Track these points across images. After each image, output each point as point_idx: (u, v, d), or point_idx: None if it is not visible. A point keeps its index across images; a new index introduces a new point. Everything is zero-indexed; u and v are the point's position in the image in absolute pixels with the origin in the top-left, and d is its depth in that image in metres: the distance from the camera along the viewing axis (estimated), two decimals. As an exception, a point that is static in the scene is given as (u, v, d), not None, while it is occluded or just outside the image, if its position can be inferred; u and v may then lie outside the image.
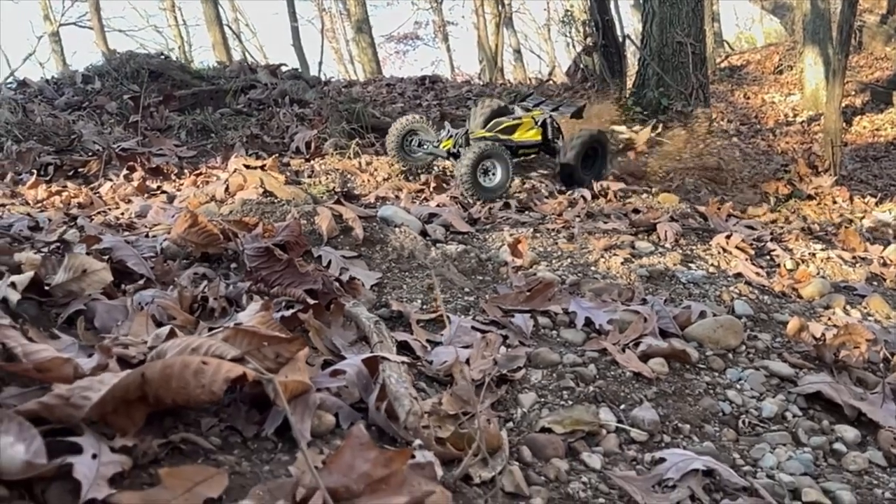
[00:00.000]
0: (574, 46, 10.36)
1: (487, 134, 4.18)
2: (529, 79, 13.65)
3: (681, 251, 2.75)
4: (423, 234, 2.65)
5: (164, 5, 20.12)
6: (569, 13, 11.60)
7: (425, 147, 3.99)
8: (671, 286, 2.41)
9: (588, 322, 2.00)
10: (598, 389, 1.68)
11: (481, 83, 12.32)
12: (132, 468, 1.03)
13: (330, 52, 22.95)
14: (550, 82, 9.40)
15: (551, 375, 1.74)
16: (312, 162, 3.71)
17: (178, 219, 2.03)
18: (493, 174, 3.79)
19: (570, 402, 1.64)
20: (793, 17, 13.94)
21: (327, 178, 3.48)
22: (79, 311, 1.56)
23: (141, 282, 1.79)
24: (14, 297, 1.49)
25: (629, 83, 8.58)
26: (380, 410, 1.28)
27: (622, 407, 1.64)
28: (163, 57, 5.90)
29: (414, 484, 1.02)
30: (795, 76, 12.51)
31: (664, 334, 1.97)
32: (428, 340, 1.82)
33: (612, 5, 9.39)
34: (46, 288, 1.61)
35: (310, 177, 3.49)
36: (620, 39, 9.23)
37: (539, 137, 4.42)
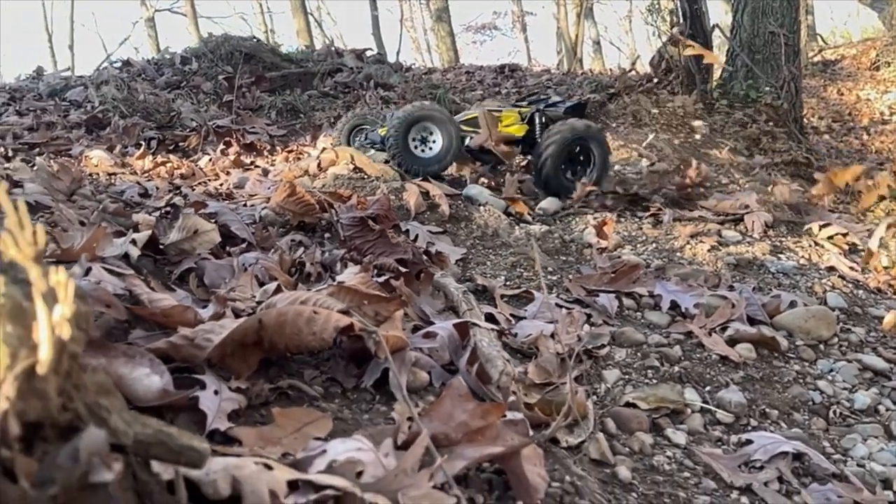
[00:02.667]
0: (659, 36, 10.07)
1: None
2: (609, 69, 13.39)
3: (770, 242, 2.68)
4: (507, 213, 2.69)
5: (252, -7, 20.73)
6: (655, 2, 11.30)
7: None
8: (759, 275, 2.36)
9: (673, 305, 1.99)
10: (683, 370, 1.68)
11: (560, 73, 12.19)
12: (246, 407, 1.11)
13: (408, 41, 23.12)
14: (633, 72, 9.19)
15: (636, 354, 1.75)
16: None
17: (276, 189, 2.13)
18: (432, 142, 3.08)
19: (655, 381, 1.65)
20: (891, 11, 13.14)
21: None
22: (189, 268, 1.67)
23: (243, 245, 1.90)
24: (135, 252, 1.61)
25: (716, 75, 8.31)
26: (470, 372, 1.32)
27: (707, 388, 1.64)
28: (255, 40, 6.13)
29: (507, 438, 1.06)
30: (893, 73, 11.80)
31: (752, 321, 1.94)
32: (512, 315, 1.86)
33: (700, -6, 9.09)
34: (161, 246, 1.73)
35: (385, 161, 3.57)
36: (709, 29, 8.95)
37: (522, 133, 3.56)
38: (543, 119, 3.58)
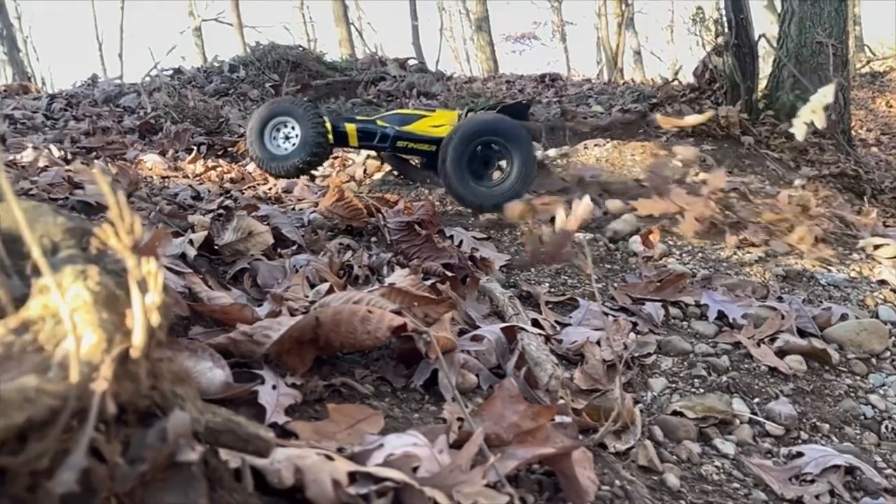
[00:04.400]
0: (703, 46, 9.96)
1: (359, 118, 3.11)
2: (651, 79, 13.27)
3: (819, 254, 2.64)
4: (551, 220, 2.68)
5: (295, 4, 21.12)
6: (700, 11, 11.20)
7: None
8: (809, 287, 2.32)
9: (721, 315, 1.97)
10: (732, 380, 1.67)
11: (601, 82, 12.13)
12: (301, 403, 1.14)
13: (447, 50, 23.27)
14: (675, 83, 9.11)
15: (682, 363, 1.74)
16: (439, 151, 3.84)
17: (325, 193, 2.18)
18: (290, 140, 2.81)
19: (702, 390, 1.64)
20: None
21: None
22: (243, 268, 1.72)
23: (293, 247, 1.94)
24: (191, 252, 1.67)
25: (761, 85, 8.18)
26: (518, 376, 1.34)
27: (756, 400, 1.62)
28: (301, 49, 6.27)
29: (557, 440, 1.07)
30: (943, 86, 11.43)
31: (802, 333, 1.91)
32: (556, 321, 1.87)
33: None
34: (216, 247, 1.78)
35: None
36: (755, 39, 8.82)
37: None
38: None
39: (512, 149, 2.61)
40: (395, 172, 3.04)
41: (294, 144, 2.80)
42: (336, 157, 3.59)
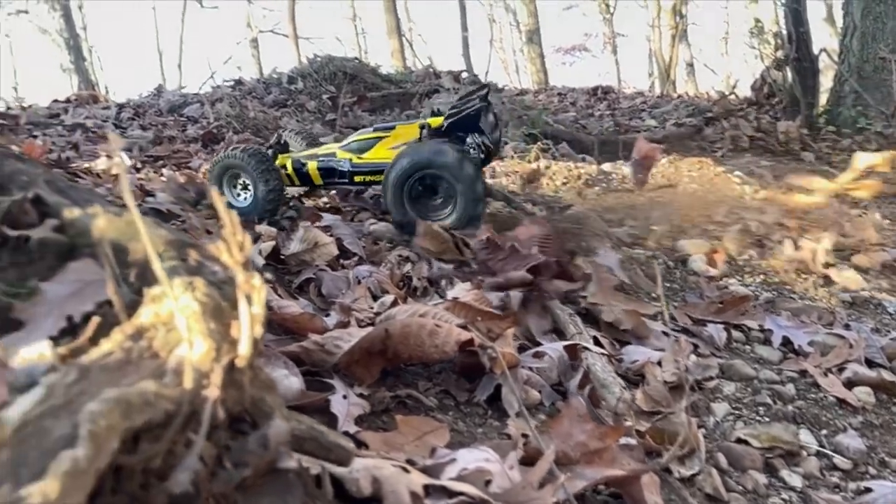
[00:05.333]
0: (762, 59, 9.74)
1: (301, 154, 2.89)
2: (706, 93, 13.05)
3: (888, 281, 2.55)
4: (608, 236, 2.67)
5: (347, 15, 21.48)
6: (758, 24, 10.97)
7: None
8: (876, 315, 2.24)
9: (786, 341, 1.93)
10: (798, 410, 1.62)
11: (654, 96, 12.00)
12: (369, 413, 1.16)
13: (496, 62, 23.32)
14: (732, 97, 8.94)
15: (746, 389, 1.70)
16: (493, 164, 3.85)
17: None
18: (248, 189, 2.64)
19: (767, 419, 1.60)
20: None
21: (508, 180, 3.60)
22: (308, 278, 1.76)
23: (355, 258, 1.98)
24: (259, 261, 1.72)
25: (821, 100, 7.97)
26: (582, 395, 1.33)
27: (823, 432, 1.58)
28: (357, 61, 6.39)
29: (623, 462, 1.06)
30: None
31: (870, 363, 1.85)
32: (616, 339, 1.85)
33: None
34: (282, 256, 1.83)
35: (491, 178, 3.62)
36: (815, 54, 8.60)
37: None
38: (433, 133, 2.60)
39: (451, 182, 2.35)
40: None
41: (249, 198, 2.67)
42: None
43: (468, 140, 2.55)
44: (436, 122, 2.57)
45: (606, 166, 4.15)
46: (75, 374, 0.50)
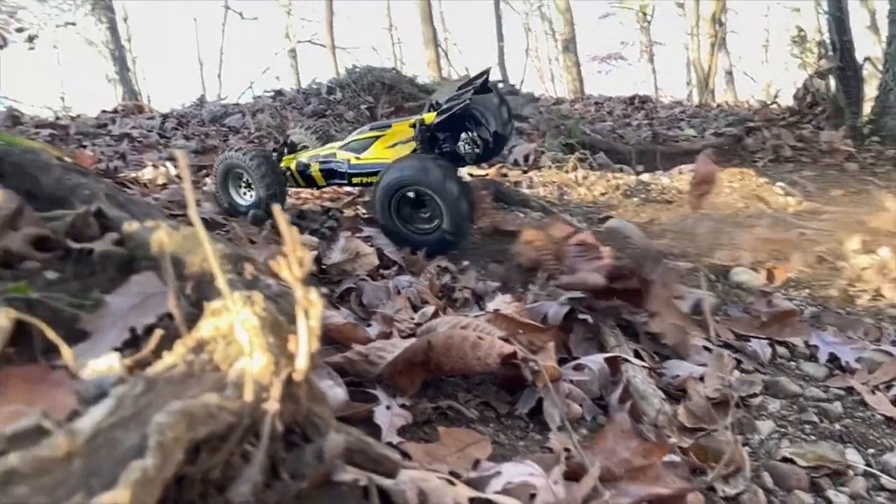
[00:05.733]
0: (805, 68, 9.56)
1: (304, 155, 2.90)
2: (746, 102, 12.85)
3: (938, 295, 2.48)
4: (647, 249, 2.64)
5: (384, 26, 21.67)
6: (801, 33, 10.77)
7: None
8: (926, 331, 2.18)
9: (832, 357, 1.89)
10: (845, 428, 1.59)
11: (693, 105, 11.85)
12: (411, 424, 1.17)
13: (531, 71, 23.30)
14: (774, 106, 8.79)
15: (791, 407, 1.67)
16: (530, 174, 3.85)
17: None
18: (251, 189, 2.70)
19: (813, 437, 1.56)
20: None
21: (545, 190, 3.59)
22: (349, 288, 1.78)
23: (395, 268, 2.00)
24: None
25: (865, 110, 7.78)
26: (623, 409, 1.32)
27: (871, 451, 1.54)
28: (395, 71, 6.45)
29: (668, 479, 1.05)
30: None
31: (920, 381, 1.80)
32: (655, 352, 1.83)
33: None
34: (323, 266, 1.85)
35: (528, 188, 3.62)
36: (859, 62, 8.40)
37: (405, 152, 2.59)
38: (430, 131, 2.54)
39: (437, 198, 2.29)
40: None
41: (252, 197, 2.72)
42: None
43: (462, 136, 2.55)
44: (430, 118, 2.55)
45: (645, 176, 4.12)
46: (143, 386, 0.52)
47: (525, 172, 3.96)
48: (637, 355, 1.73)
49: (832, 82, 8.02)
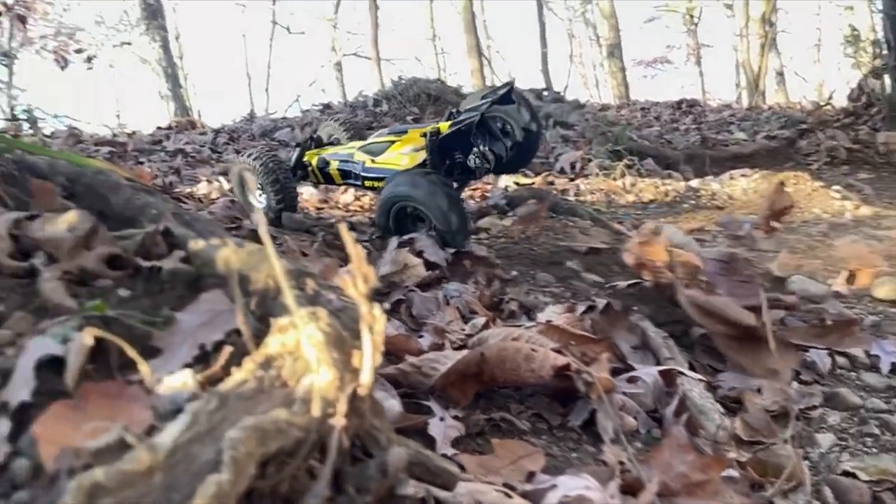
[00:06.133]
0: (859, 68, 9.27)
1: (325, 152, 2.92)
2: (798, 103, 12.51)
3: None
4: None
5: (427, 36, 21.83)
6: (854, 32, 10.45)
7: None
8: None
9: (893, 368, 1.82)
10: (909, 441, 1.53)
11: (743, 107, 11.61)
12: (463, 436, 1.18)
13: (575, 77, 23.16)
14: (828, 107, 8.54)
15: (852, 419, 1.62)
16: (577, 182, 3.83)
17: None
18: (263, 194, 2.75)
19: (875, 450, 1.51)
20: None
21: (593, 198, 3.57)
22: (399, 299, 1.79)
23: (436, 271, 2.01)
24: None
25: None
26: (678, 423, 1.30)
27: (937, 464, 1.48)
28: (440, 82, 6.51)
29: (727, 495, 1.04)
30: None
31: None
32: (709, 364, 1.80)
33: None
34: (373, 277, 1.87)
35: (576, 196, 3.60)
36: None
37: (416, 162, 2.56)
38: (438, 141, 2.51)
39: (429, 214, 2.32)
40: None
41: (264, 200, 2.78)
42: (475, 189, 3.67)
43: (474, 150, 2.53)
44: (445, 127, 2.55)
45: (694, 182, 4.05)
46: (216, 402, 0.54)
47: (572, 180, 3.94)
48: (691, 367, 1.71)
49: (888, 82, 7.76)
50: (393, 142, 2.71)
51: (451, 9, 20.07)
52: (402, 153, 2.62)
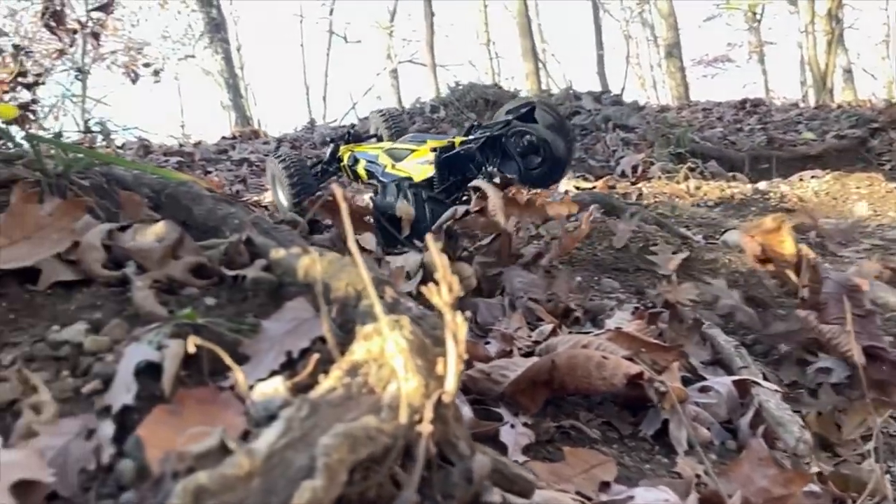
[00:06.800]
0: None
1: (359, 149, 3.00)
2: (868, 101, 11.99)
3: None
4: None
5: (482, 41, 21.85)
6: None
7: None
8: None
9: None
10: None
11: (810, 107, 11.19)
12: (533, 443, 1.17)
13: (632, 78, 22.78)
14: (902, 105, 8.16)
15: (937, 432, 1.54)
16: (639, 185, 3.76)
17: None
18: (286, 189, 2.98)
19: (963, 465, 1.44)
20: None
21: (656, 201, 3.50)
22: (461, 307, 1.80)
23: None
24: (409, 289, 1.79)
25: None
26: (755, 435, 1.26)
27: None
28: (497, 87, 6.51)
29: (809, 510, 1.00)
30: None
31: None
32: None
33: None
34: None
35: (638, 200, 3.54)
36: None
37: (425, 175, 2.56)
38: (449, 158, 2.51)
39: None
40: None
41: (286, 197, 2.96)
42: (537, 194, 3.63)
43: (483, 170, 2.52)
44: (459, 141, 2.58)
45: (762, 185, 3.92)
46: (308, 409, 0.55)
47: (633, 184, 3.87)
48: (764, 378, 1.66)
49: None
50: (413, 150, 2.73)
51: (505, 13, 20.06)
52: (418, 163, 2.63)
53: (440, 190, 2.55)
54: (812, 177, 4.19)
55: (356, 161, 2.91)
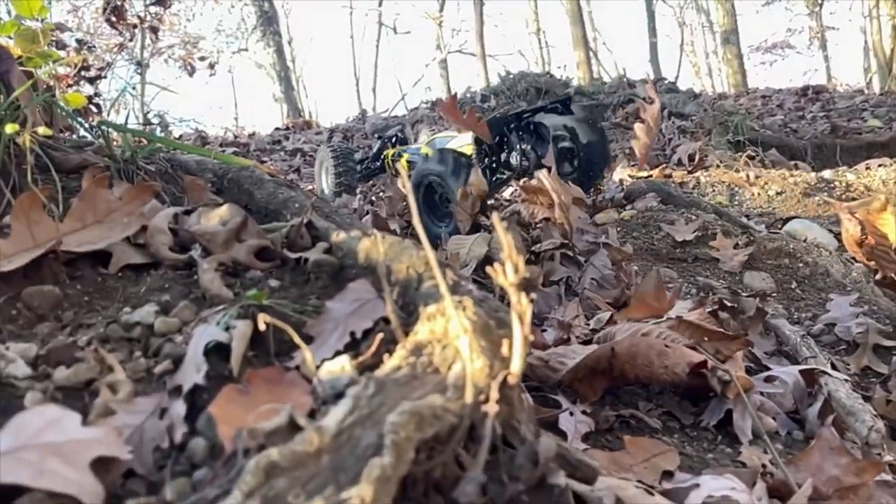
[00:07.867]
0: None
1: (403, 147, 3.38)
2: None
3: None
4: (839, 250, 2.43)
5: (531, 30, 21.63)
6: None
7: None
8: None
9: None
10: None
11: (876, 93, 10.71)
12: (593, 431, 1.16)
13: (686, 66, 22.21)
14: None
15: None
16: (696, 174, 3.66)
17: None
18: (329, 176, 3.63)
19: None
20: None
21: (713, 191, 3.40)
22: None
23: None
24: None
25: None
26: (825, 424, 1.22)
27: None
28: (548, 76, 6.43)
29: (882, 501, 0.96)
30: None
31: None
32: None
33: None
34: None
35: (694, 188, 3.45)
36: None
37: (468, 150, 2.77)
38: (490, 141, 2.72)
39: (449, 192, 2.41)
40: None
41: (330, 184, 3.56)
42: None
43: (517, 148, 2.75)
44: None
45: (826, 173, 3.77)
46: (374, 388, 0.56)
47: (690, 172, 3.77)
48: (833, 367, 1.60)
49: None
50: (454, 136, 2.99)
51: (555, 2, 19.81)
52: (461, 141, 2.88)
53: (479, 158, 2.78)
54: (879, 165, 4.01)
55: (400, 156, 3.27)
